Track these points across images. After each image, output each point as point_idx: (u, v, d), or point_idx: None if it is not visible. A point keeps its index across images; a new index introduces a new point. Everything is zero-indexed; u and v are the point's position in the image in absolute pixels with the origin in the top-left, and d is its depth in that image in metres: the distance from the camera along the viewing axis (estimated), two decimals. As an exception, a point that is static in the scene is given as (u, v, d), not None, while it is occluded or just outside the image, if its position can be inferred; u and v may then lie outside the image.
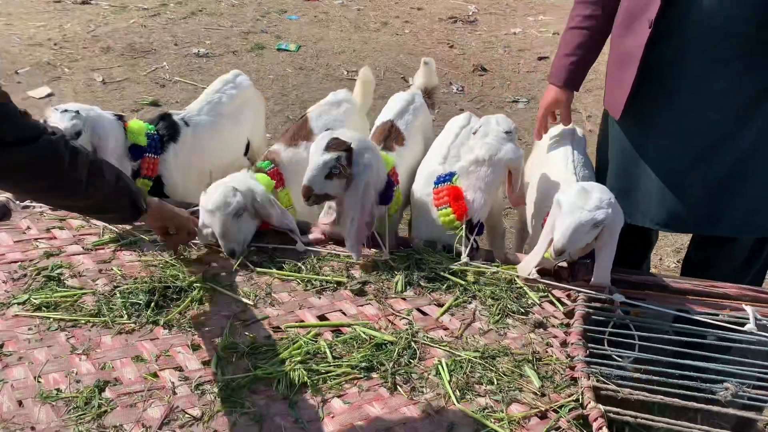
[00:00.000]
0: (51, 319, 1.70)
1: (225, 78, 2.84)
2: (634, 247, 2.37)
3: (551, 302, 1.91)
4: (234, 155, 2.80)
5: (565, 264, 2.01)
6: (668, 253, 3.41)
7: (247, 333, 1.70)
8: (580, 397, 1.53)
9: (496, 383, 1.57)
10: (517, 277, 1.96)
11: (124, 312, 1.73)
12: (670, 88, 1.93)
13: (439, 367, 1.61)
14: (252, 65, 5.56)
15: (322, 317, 1.78)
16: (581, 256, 1.99)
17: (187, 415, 1.45)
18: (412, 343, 1.68)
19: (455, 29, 6.82)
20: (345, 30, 6.55)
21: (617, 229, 1.85)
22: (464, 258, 2.00)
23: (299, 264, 1.98)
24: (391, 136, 2.42)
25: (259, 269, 1.94)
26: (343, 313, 1.80)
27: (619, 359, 1.66)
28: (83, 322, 1.70)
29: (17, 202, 2.18)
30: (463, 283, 1.91)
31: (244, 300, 1.82)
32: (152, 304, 1.76)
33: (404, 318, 1.79)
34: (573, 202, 1.78)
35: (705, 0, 1.77)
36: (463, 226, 2.06)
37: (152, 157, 2.41)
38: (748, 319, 1.82)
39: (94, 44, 5.72)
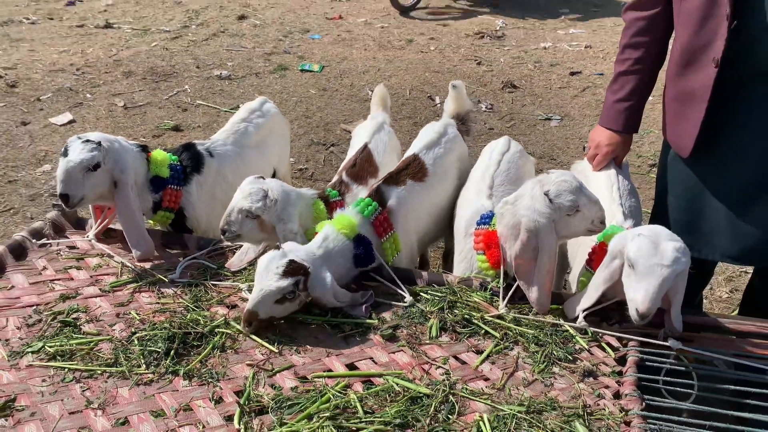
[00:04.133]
0: (66, 370, 1.64)
1: (251, 106, 2.81)
2: (690, 280, 2.26)
3: (600, 347, 1.80)
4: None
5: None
6: (719, 282, 3.25)
7: (271, 384, 1.63)
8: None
9: (544, 442, 1.47)
10: (562, 319, 1.86)
11: (142, 361, 1.68)
12: (740, 114, 1.89)
13: (481, 423, 1.51)
14: (275, 87, 5.56)
15: (351, 365, 1.71)
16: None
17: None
18: (450, 397, 1.58)
19: (482, 45, 6.75)
20: (369, 49, 6.53)
21: (687, 272, 1.77)
22: (502, 309, 1.89)
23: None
24: (406, 170, 2.30)
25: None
26: (374, 362, 1.72)
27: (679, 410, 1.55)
28: (99, 372, 1.64)
29: (33, 240, 2.15)
30: (497, 336, 1.80)
31: (269, 346, 1.74)
32: (172, 352, 1.70)
33: (440, 367, 1.70)
34: (647, 260, 1.67)
35: None
36: (501, 275, 1.95)
37: (175, 189, 2.36)
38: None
39: (115, 68, 5.78)
